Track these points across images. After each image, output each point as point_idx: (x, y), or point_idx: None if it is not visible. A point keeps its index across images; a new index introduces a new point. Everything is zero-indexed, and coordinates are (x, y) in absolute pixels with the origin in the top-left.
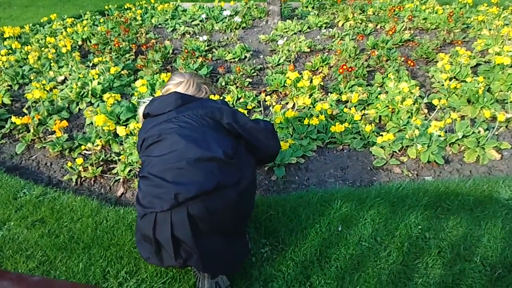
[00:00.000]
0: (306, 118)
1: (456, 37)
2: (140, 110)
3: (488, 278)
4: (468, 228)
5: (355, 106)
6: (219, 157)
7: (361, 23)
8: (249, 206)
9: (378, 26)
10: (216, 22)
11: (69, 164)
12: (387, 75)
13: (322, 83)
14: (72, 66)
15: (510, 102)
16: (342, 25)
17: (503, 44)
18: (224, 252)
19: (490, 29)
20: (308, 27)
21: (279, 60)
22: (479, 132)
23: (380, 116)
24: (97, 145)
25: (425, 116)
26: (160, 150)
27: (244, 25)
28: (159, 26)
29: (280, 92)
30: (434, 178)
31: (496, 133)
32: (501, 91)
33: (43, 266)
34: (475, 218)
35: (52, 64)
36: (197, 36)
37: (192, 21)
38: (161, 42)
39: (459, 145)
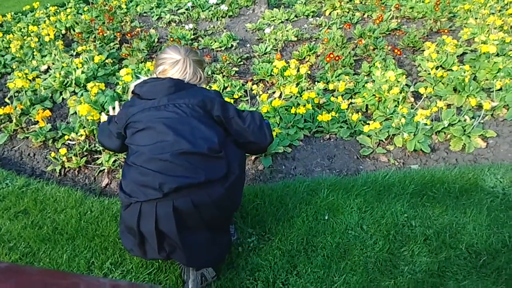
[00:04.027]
0: (293, 107)
1: (443, 26)
2: (132, 85)
3: (473, 265)
4: (454, 216)
5: (342, 95)
6: (204, 152)
7: (348, 12)
8: (236, 201)
9: (365, 15)
10: (202, 11)
11: (53, 154)
12: (374, 64)
13: (309, 72)
14: (55, 55)
15: (496, 90)
16: (329, 14)
17: (489, 33)
18: (209, 246)
19: (476, 18)
20: (295, 16)
21: (266, 49)
22: (465, 120)
23: (367, 105)
24: (81, 135)
25: (412, 105)
26: (145, 139)
27: (230, 13)
28: (144, 14)
29: (267, 81)
30: (420, 167)
31: (482, 121)
32: (487, 79)
33: (26, 258)
34: (460, 206)
35: (35, 53)
36: (183, 25)
37: (178, 9)
38: (146, 30)
39: (445, 133)
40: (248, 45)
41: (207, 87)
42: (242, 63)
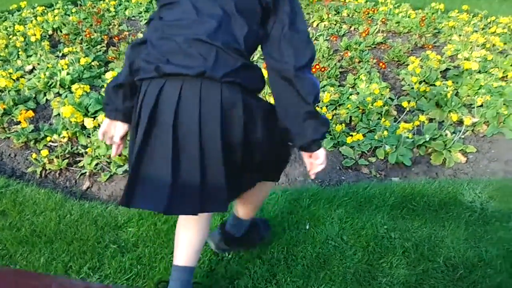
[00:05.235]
0: None
1: (427, 41)
2: None
3: (450, 278)
4: (433, 229)
5: (326, 106)
6: (217, 45)
7: (335, 24)
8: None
9: (352, 28)
10: None
11: (34, 155)
12: (359, 76)
13: None
14: (41, 55)
15: (477, 106)
16: (317, 25)
17: (472, 50)
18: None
19: (460, 35)
20: None
21: (253, 58)
22: (446, 135)
23: (350, 117)
24: (64, 137)
25: (395, 118)
26: (168, 15)
27: None
28: (133, 18)
29: None
30: (401, 179)
31: (463, 136)
32: (469, 95)
33: (2, 260)
34: (439, 219)
35: (20, 53)
36: None
37: None
38: (134, 34)
39: (426, 147)
40: None
41: None
42: None
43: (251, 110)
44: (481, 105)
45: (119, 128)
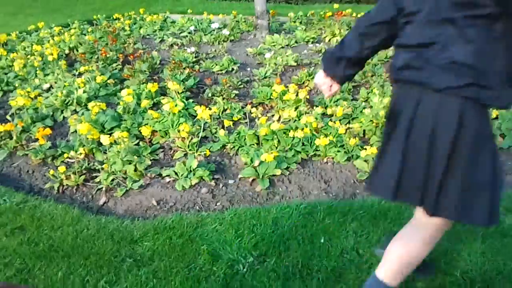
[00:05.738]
0: (291, 131)
1: None
2: None
3: None
4: (449, 242)
5: (340, 120)
6: (441, 64)
7: None
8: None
9: None
10: (205, 34)
11: (51, 172)
12: (372, 90)
13: (307, 97)
14: (58, 74)
15: (492, 119)
16: (329, 40)
17: None
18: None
19: None
20: (296, 42)
21: (266, 73)
22: None
23: (364, 130)
24: (80, 153)
25: None
26: (409, 33)
27: (232, 38)
28: (147, 36)
29: (266, 105)
30: None
31: None
32: None
33: (21, 274)
34: (455, 232)
35: (37, 72)
36: (185, 48)
37: (181, 32)
38: (149, 52)
39: None
40: (249, 69)
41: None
42: (242, 86)
43: (465, 128)
44: (496, 117)
45: (334, 88)
